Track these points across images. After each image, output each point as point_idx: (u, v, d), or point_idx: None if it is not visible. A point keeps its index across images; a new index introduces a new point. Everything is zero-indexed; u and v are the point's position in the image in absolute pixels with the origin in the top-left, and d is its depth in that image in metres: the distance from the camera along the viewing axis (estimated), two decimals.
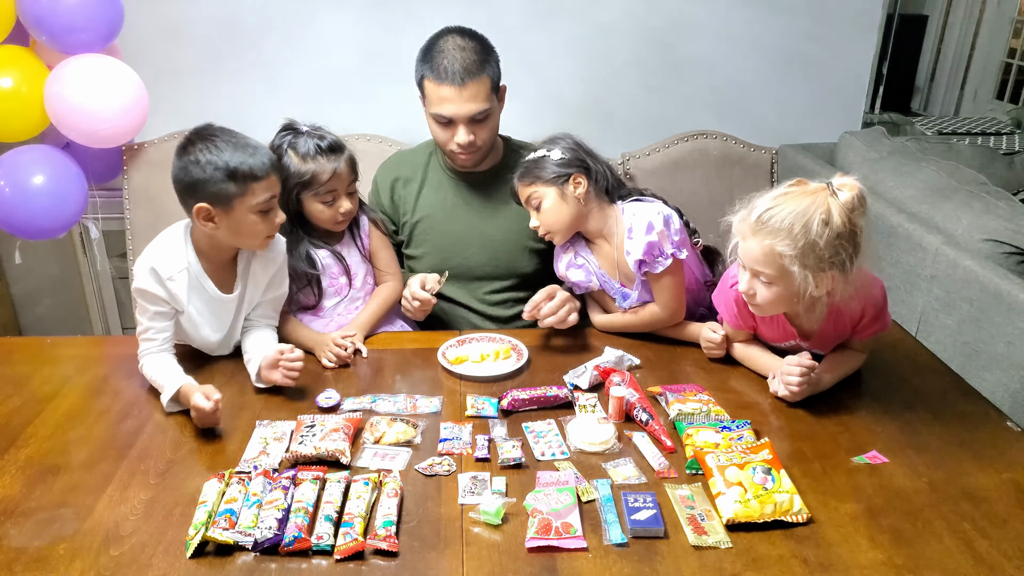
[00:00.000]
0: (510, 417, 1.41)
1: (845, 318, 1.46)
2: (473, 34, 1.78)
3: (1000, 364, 1.74)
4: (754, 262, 1.36)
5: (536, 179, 1.67)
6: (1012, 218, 1.89)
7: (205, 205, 1.43)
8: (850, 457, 1.29)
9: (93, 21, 2.15)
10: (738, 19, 2.62)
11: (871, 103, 4.98)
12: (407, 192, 1.94)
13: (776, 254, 1.32)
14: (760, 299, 1.39)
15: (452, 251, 1.92)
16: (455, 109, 1.73)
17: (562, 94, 2.62)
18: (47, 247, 2.73)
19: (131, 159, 2.39)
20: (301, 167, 1.64)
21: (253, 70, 2.54)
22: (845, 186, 1.31)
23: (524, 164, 1.71)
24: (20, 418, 1.40)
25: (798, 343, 1.52)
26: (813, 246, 1.29)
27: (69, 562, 1.07)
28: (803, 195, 1.32)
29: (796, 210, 1.30)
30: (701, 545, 1.09)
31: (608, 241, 1.72)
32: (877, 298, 1.45)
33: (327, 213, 1.69)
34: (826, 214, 1.29)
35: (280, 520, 1.11)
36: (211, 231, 1.47)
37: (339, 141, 1.69)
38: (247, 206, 1.44)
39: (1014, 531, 1.12)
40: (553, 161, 1.66)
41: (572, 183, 1.66)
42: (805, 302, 1.39)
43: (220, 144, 1.43)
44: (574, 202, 1.67)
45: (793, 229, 1.29)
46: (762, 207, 1.33)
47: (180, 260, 1.49)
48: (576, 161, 1.67)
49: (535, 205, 1.68)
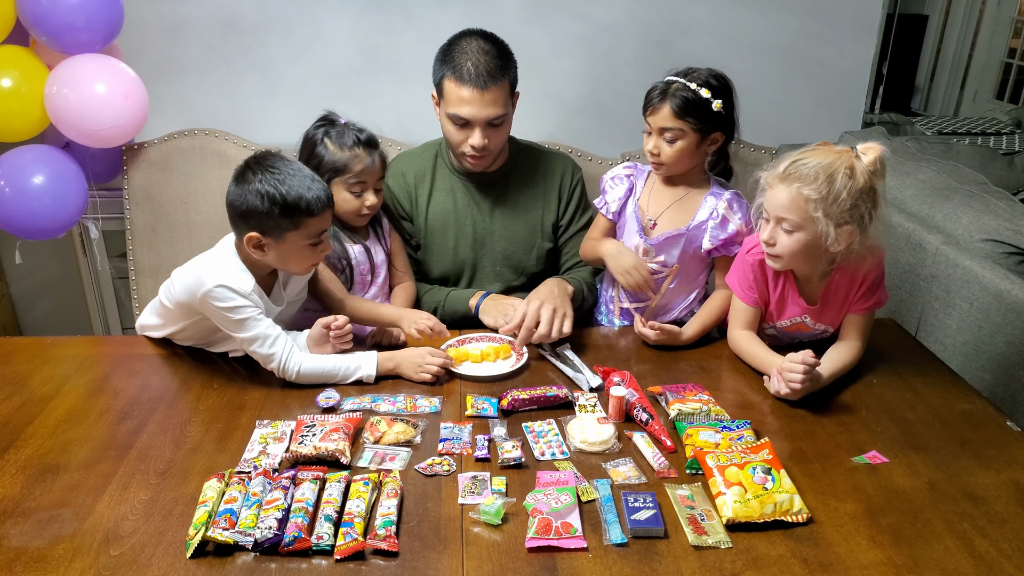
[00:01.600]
0: (510, 417, 1.41)
1: (845, 285, 1.51)
2: (495, 38, 1.79)
3: (1000, 364, 1.73)
4: (780, 208, 1.43)
5: (690, 119, 1.64)
6: (1012, 218, 1.89)
7: (256, 235, 1.44)
8: (850, 457, 1.29)
9: (93, 21, 2.15)
10: (738, 19, 2.62)
11: (871, 103, 4.98)
12: (420, 193, 1.94)
13: (802, 198, 1.39)
14: (780, 248, 1.45)
15: (464, 252, 1.92)
16: (474, 112, 1.73)
17: (562, 93, 2.62)
18: (47, 247, 2.73)
19: (131, 159, 2.39)
20: (337, 154, 1.70)
21: (253, 70, 2.54)
22: (869, 149, 1.40)
23: (684, 96, 1.63)
24: (20, 418, 1.40)
25: (803, 318, 1.55)
26: (837, 195, 1.38)
27: (69, 562, 1.07)
28: (829, 152, 1.42)
29: (823, 162, 1.40)
30: (701, 545, 1.09)
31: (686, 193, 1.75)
32: (879, 264, 1.52)
33: (352, 204, 1.72)
34: (850, 169, 1.39)
35: (280, 520, 1.11)
36: (258, 257, 1.48)
37: (375, 137, 1.75)
38: (298, 238, 1.46)
39: (1014, 531, 1.12)
40: (712, 111, 1.65)
41: (711, 139, 1.69)
42: (816, 264, 1.46)
43: (279, 176, 1.43)
44: (701, 155, 1.71)
45: (819, 177, 1.38)
46: (790, 159, 1.43)
47: (248, 279, 1.48)
48: (727, 120, 1.69)
49: (669, 138, 1.67)
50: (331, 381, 1.50)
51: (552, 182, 1.96)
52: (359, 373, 1.51)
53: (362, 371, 1.51)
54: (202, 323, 1.53)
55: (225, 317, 1.46)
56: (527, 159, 1.97)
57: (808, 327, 1.59)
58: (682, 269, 1.78)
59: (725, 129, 1.69)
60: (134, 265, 2.46)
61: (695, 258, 1.78)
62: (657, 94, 1.66)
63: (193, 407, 1.44)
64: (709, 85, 1.64)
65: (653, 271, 1.76)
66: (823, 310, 1.55)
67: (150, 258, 2.44)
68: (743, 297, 1.60)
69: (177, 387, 1.52)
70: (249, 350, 1.49)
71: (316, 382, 1.50)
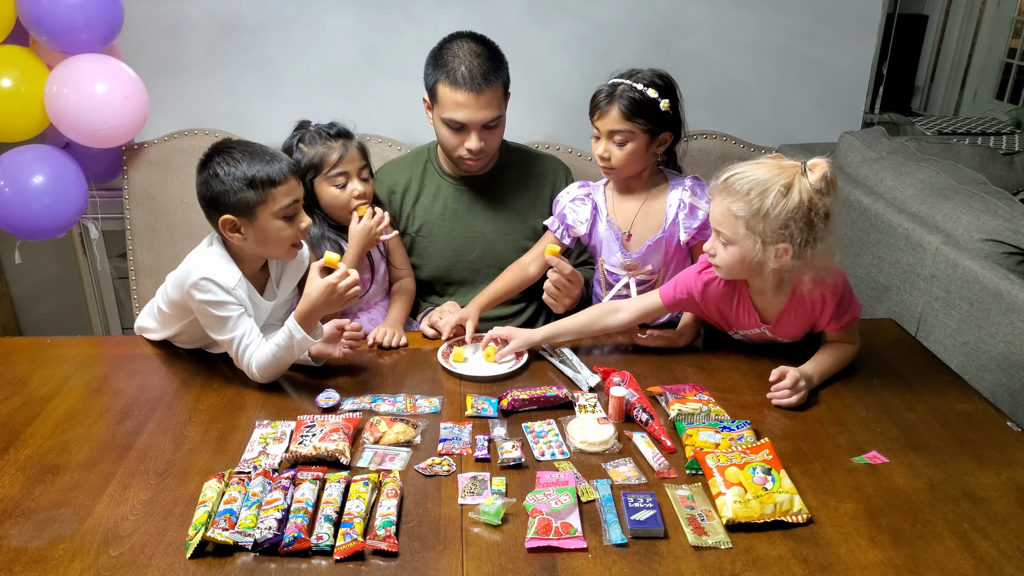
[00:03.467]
0: (510, 417, 1.41)
1: (806, 305, 1.49)
2: (484, 40, 1.78)
3: (1000, 364, 1.73)
4: (715, 221, 1.43)
5: (639, 120, 1.63)
6: (1012, 218, 1.89)
7: (230, 217, 1.45)
8: (850, 457, 1.29)
9: (93, 21, 2.15)
10: (738, 19, 2.62)
11: (871, 103, 4.97)
12: (405, 202, 1.94)
13: (731, 214, 1.37)
14: (719, 259, 1.45)
15: (454, 256, 1.92)
16: (470, 115, 1.73)
17: (561, 93, 2.61)
18: (47, 247, 2.73)
19: (131, 159, 2.39)
20: (311, 152, 1.72)
21: (253, 70, 2.54)
22: (817, 166, 1.35)
23: (631, 97, 1.61)
24: (20, 418, 1.40)
25: (762, 330, 1.55)
26: (766, 214, 1.34)
27: (69, 562, 1.07)
28: (773, 167, 1.37)
29: (759, 178, 1.35)
30: (701, 545, 1.09)
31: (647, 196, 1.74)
32: (837, 286, 1.47)
33: (341, 198, 1.73)
34: (786, 188, 1.33)
35: (280, 520, 1.11)
36: (239, 242, 1.48)
37: (347, 129, 1.76)
38: (270, 212, 1.45)
39: (1014, 531, 1.12)
40: (660, 111, 1.63)
41: (660, 140, 1.67)
42: (766, 278, 1.44)
43: (237, 155, 1.45)
44: (651, 157, 1.70)
45: (750, 194, 1.35)
46: (732, 171, 1.40)
47: (234, 272, 1.49)
48: (674, 120, 1.68)
49: (618, 140, 1.65)
50: (285, 362, 1.47)
51: (543, 185, 1.96)
52: (296, 338, 1.43)
53: (295, 335, 1.43)
54: (197, 324, 1.53)
55: (207, 311, 1.46)
56: (518, 161, 1.97)
57: (767, 337, 1.58)
58: (668, 268, 1.76)
59: (673, 129, 1.69)
60: (134, 265, 2.46)
61: (678, 254, 1.77)
62: (604, 97, 1.64)
63: (193, 407, 1.44)
64: (655, 85, 1.63)
65: (642, 281, 1.76)
66: (779, 327, 1.53)
67: (150, 258, 2.44)
68: (665, 299, 1.58)
69: (177, 387, 1.52)
70: (228, 348, 1.49)
71: (275, 370, 1.48)
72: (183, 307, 1.51)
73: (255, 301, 1.54)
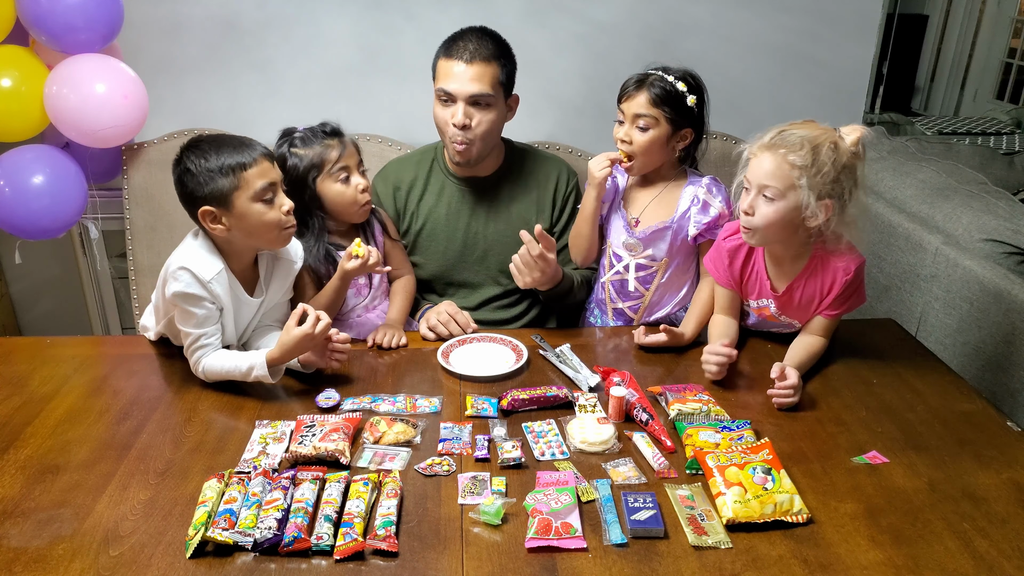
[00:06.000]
0: (510, 417, 1.41)
1: (816, 279, 1.52)
2: (497, 35, 1.82)
3: (1001, 364, 1.74)
4: (765, 175, 1.43)
5: (666, 108, 1.67)
6: (1012, 218, 1.89)
7: (208, 208, 1.45)
8: (850, 457, 1.29)
9: (93, 21, 2.15)
10: (738, 19, 2.62)
11: (871, 103, 4.98)
12: (409, 199, 1.94)
13: (788, 164, 1.41)
14: (759, 217, 1.45)
15: (456, 256, 1.92)
16: (457, 85, 1.74)
17: (562, 93, 2.61)
18: (47, 247, 2.72)
19: (131, 159, 2.39)
20: (309, 153, 1.70)
21: (253, 70, 2.54)
22: (852, 131, 1.44)
23: (661, 86, 1.67)
24: (20, 418, 1.40)
25: (769, 303, 1.58)
26: (821, 166, 1.39)
27: (69, 562, 1.07)
28: (815, 127, 1.45)
29: (809, 135, 1.42)
30: (701, 545, 1.09)
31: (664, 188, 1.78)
32: (852, 266, 1.51)
33: (347, 194, 1.72)
34: (834, 144, 1.41)
35: (280, 520, 1.11)
36: (223, 233, 1.47)
37: (338, 127, 1.76)
38: (246, 197, 1.45)
39: (1014, 531, 1.12)
40: (686, 106, 1.68)
41: (680, 135, 1.70)
42: (790, 244, 1.48)
43: (205, 147, 1.46)
44: (670, 152, 1.73)
45: (804, 146, 1.41)
46: (776, 129, 1.46)
47: (215, 264, 1.49)
48: (698, 119, 1.72)
49: (642, 125, 1.68)
50: (234, 379, 1.48)
51: (547, 187, 1.95)
52: (255, 373, 1.45)
53: (256, 371, 1.45)
54: None
55: (177, 302, 1.46)
56: (522, 162, 1.96)
57: (774, 316, 1.60)
58: (671, 262, 1.78)
59: (695, 127, 1.72)
60: (134, 265, 2.45)
61: (683, 250, 1.79)
62: (633, 82, 1.70)
63: (193, 407, 1.44)
64: (685, 81, 1.69)
65: (641, 266, 1.78)
66: (787, 301, 1.56)
67: (150, 258, 2.44)
68: (719, 278, 1.64)
69: (177, 387, 1.52)
70: (184, 340, 1.49)
71: (220, 379, 1.48)
72: (169, 301, 1.52)
73: (240, 297, 1.54)
